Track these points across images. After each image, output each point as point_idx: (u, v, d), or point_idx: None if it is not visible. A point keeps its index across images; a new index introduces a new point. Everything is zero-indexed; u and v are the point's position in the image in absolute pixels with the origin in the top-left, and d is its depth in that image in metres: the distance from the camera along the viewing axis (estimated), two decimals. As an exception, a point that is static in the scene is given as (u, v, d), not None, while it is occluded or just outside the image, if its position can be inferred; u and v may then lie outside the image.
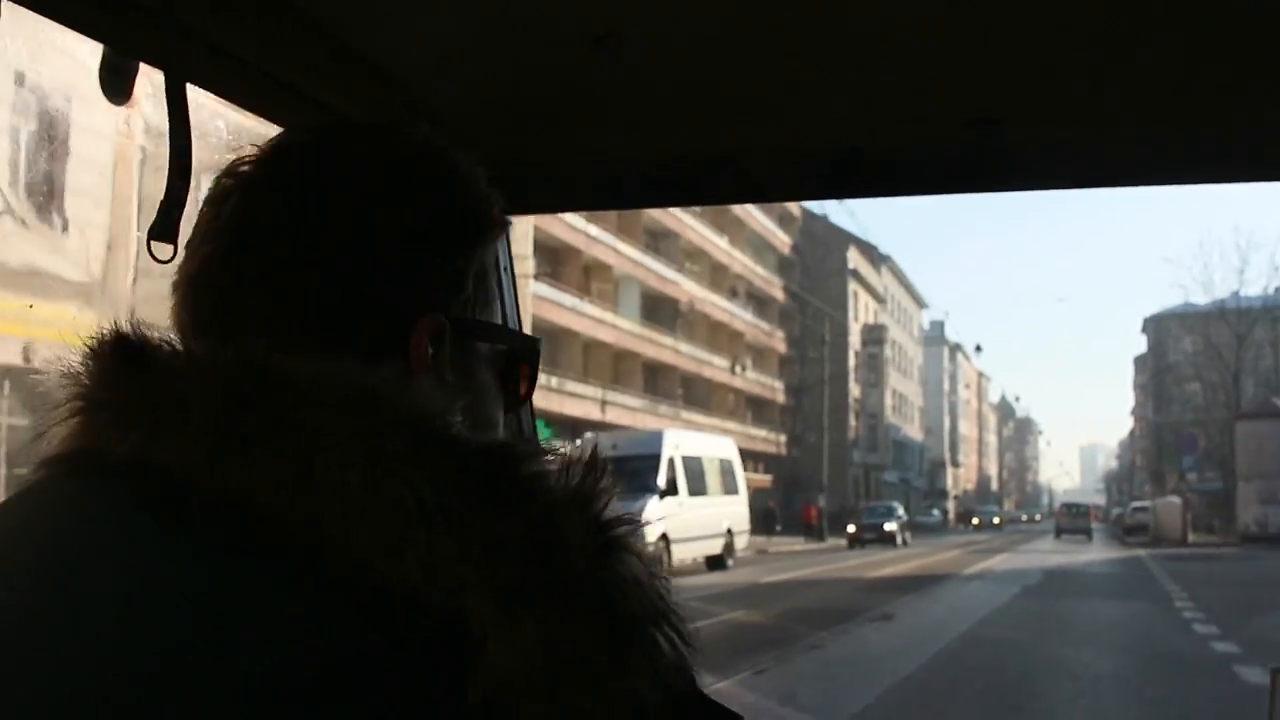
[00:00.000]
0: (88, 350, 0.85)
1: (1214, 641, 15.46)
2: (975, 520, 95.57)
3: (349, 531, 0.74)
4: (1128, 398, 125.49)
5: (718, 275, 59.89)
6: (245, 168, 0.94)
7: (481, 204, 0.98)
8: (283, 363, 0.80)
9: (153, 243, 1.13)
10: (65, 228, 15.47)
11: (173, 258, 1.08)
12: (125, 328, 0.85)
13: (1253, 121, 1.61)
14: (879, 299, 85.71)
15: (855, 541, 48.12)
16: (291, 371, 0.79)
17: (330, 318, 0.88)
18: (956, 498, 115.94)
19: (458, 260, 0.94)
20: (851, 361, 76.11)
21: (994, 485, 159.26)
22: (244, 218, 0.91)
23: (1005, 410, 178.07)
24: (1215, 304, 65.36)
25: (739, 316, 62.95)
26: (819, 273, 73.23)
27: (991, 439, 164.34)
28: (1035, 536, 76.05)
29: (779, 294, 68.97)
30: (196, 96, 1.25)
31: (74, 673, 0.71)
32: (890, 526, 50.39)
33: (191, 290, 0.92)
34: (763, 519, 44.74)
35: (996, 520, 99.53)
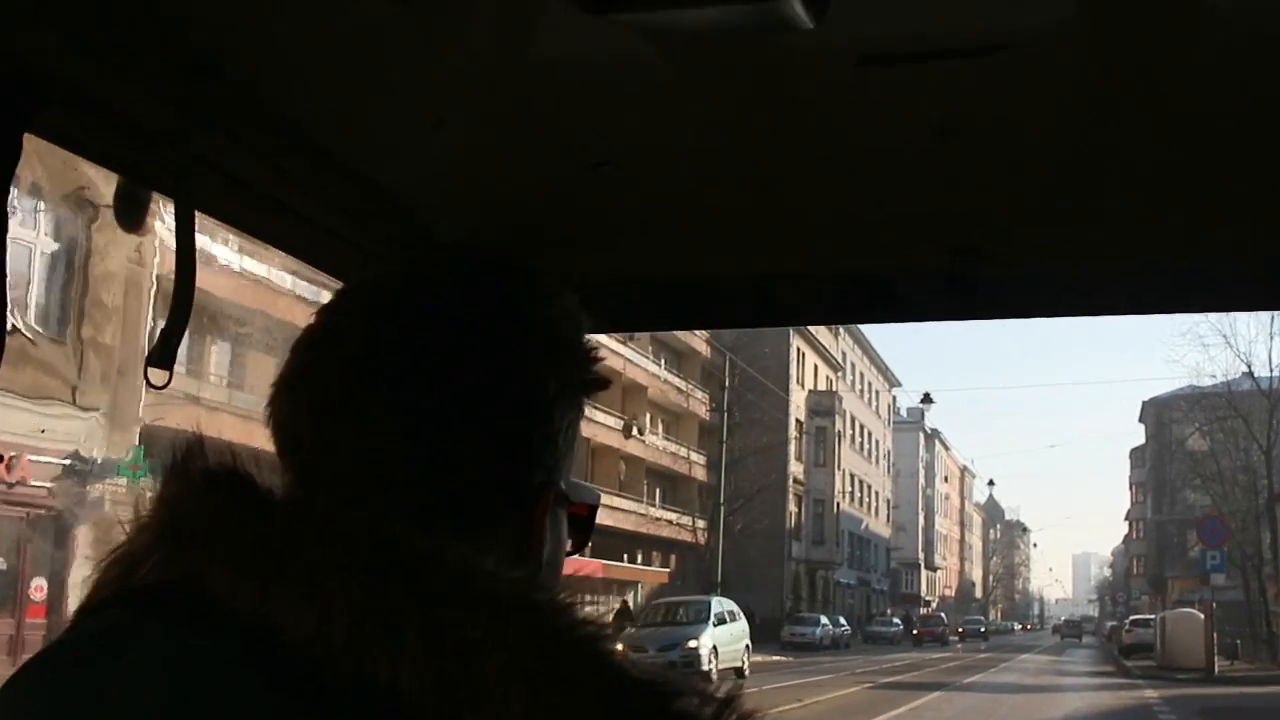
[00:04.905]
0: (181, 476, 0.84)
1: None
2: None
3: None
4: (1122, 504, 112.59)
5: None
6: (352, 307, 0.93)
7: (590, 355, 0.97)
8: (420, 542, 0.79)
9: (150, 369, 1.15)
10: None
11: (167, 384, 1.15)
12: (231, 463, 0.84)
13: (1226, 253, 1.68)
14: (833, 365, 72.62)
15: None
16: (434, 556, 0.78)
17: (452, 483, 0.87)
18: (928, 603, 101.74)
19: (567, 419, 0.94)
20: (793, 433, 62.74)
21: (978, 592, 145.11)
22: (357, 365, 0.89)
23: (993, 512, 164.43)
24: (1223, 384, 52.08)
25: (638, 364, 49.78)
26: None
27: (976, 542, 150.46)
28: (1009, 653, 62.21)
29: (702, 347, 55.91)
30: None
31: None
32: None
33: (290, 434, 0.89)
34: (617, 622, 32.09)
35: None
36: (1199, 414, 56.06)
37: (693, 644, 30.12)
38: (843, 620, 62.52)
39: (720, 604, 34.26)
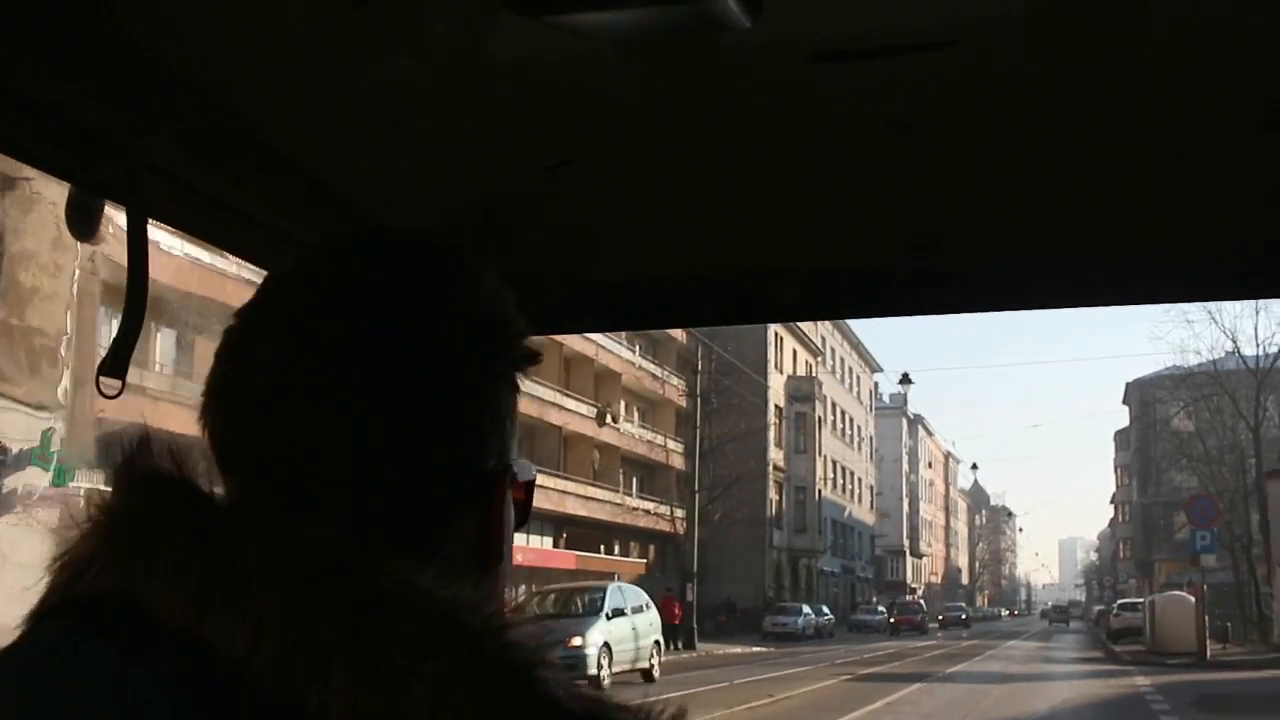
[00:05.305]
0: (124, 481, 0.82)
1: None
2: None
3: None
4: (1107, 487, 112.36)
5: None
6: (284, 303, 0.89)
7: (521, 331, 0.94)
8: (358, 557, 0.76)
9: (102, 379, 1.12)
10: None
11: (119, 393, 1.12)
12: (175, 469, 0.81)
13: (1184, 244, 1.69)
14: (813, 351, 71.42)
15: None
16: (372, 575, 0.76)
17: (407, 482, 0.84)
18: (914, 591, 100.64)
19: (511, 399, 0.92)
20: (772, 419, 61.48)
21: (964, 578, 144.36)
22: (291, 371, 0.84)
23: (978, 497, 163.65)
24: (1208, 363, 50.95)
25: (611, 351, 48.47)
26: (731, 310, 58.69)
27: (962, 528, 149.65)
28: (995, 639, 61.21)
29: (678, 333, 54.56)
30: None
31: None
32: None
33: (228, 445, 0.85)
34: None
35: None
36: (1184, 392, 54.96)
37: (576, 642, 24.47)
38: (825, 609, 61.45)
39: (621, 593, 28.94)
